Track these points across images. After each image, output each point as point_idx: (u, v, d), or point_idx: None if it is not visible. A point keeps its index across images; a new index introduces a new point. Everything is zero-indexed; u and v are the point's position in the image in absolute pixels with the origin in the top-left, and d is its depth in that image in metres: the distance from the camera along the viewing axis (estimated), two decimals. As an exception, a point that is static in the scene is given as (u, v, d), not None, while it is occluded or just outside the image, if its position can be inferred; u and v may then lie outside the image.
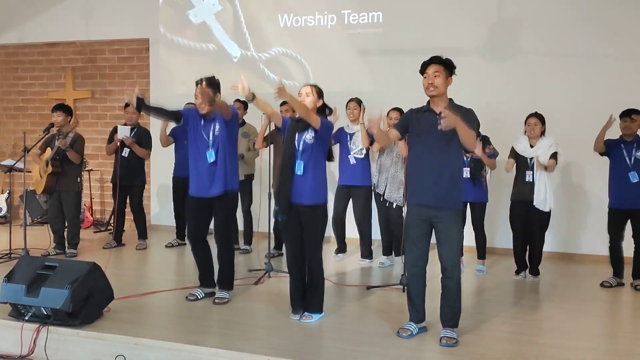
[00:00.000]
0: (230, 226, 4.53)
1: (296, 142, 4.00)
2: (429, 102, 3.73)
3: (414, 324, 3.82)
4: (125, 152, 6.40)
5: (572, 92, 6.37)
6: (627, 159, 5.17)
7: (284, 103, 6.09)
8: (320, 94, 4.06)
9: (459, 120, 3.43)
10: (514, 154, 5.41)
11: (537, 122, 5.27)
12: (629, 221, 5.20)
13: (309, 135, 3.98)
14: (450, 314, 3.71)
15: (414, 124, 3.75)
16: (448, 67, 3.66)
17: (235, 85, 3.86)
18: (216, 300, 4.44)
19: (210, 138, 4.40)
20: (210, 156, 4.39)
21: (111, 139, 6.53)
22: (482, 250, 5.71)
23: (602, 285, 5.21)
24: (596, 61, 6.32)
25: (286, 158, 4.01)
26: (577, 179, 6.40)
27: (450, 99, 3.70)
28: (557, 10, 6.46)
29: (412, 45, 6.78)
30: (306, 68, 7.36)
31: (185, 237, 6.61)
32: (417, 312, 3.82)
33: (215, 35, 7.74)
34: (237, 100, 6.54)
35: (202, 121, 4.45)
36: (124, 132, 6.30)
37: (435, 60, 3.66)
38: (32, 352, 3.72)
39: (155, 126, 7.67)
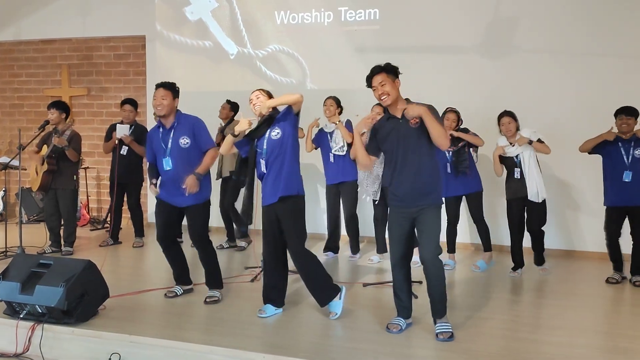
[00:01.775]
0: (204, 230, 4.51)
1: (258, 148, 4.04)
2: (387, 109, 3.79)
3: (403, 319, 3.84)
4: (124, 150, 6.38)
5: (570, 90, 6.37)
6: (624, 157, 5.14)
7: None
8: (269, 95, 4.14)
9: (424, 109, 3.54)
10: (499, 157, 5.40)
11: (510, 120, 5.28)
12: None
13: (274, 132, 4.01)
14: (440, 302, 3.74)
15: (380, 135, 3.79)
16: (391, 71, 3.72)
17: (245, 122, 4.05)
18: (207, 300, 4.42)
19: (169, 146, 4.33)
20: (167, 164, 4.32)
21: (108, 136, 6.51)
22: (486, 241, 5.68)
23: (607, 281, 5.19)
24: (593, 59, 6.31)
25: (251, 169, 4.06)
26: (574, 176, 6.40)
27: (407, 99, 3.76)
28: (554, 8, 6.45)
29: (409, 43, 6.77)
30: (303, 65, 7.35)
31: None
32: (404, 308, 3.86)
33: (212, 33, 7.72)
34: (228, 101, 6.52)
35: (161, 130, 4.40)
36: (123, 131, 6.28)
37: (375, 70, 3.74)
38: (27, 350, 3.72)
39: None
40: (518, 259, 5.46)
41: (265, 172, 4.02)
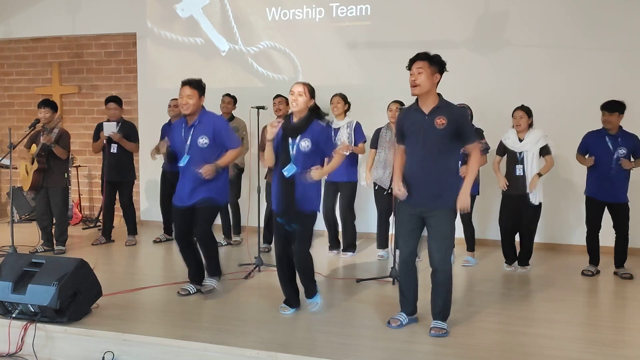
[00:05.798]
0: (209, 227, 4.46)
1: (290, 147, 3.91)
2: (417, 99, 3.67)
3: (405, 315, 3.84)
4: (114, 149, 6.35)
5: (559, 85, 6.39)
6: (612, 151, 5.16)
7: (277, 96, 6.14)
8: (312, 93, 3.93)
9: (468, 203, 3.58)
10: (502, 149, 5.42)
11: (522, 114, 5.27)
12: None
13: (304, 144, 3.88)
14: (441, 307, 3.72)
15: (406, 125, 3.69)
16: (435, 63, 3.55)
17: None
18: (203, 290, 4.40)
19: (187, 144, 4.30)
20: (183, 161, 4.30)
21: (96, 136, 6.46)
22: (471, 242, 5.73)
23: (583, 273, 5.30)
24: (583, 53, 6.34)
25: (281, 164, 3.93)
26: (564, 171, 6.43)
27: (439, 95, 3.64)
28: (544, 2, 6.47)
29: (401, 38, 6.77)
30: (295, 62, 7.33)
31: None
32: (408, 305, 3.84)
33: (203, 29, 7.69)
34: (227, 95, 6.51)
35: (184, 125, 4.37)
36: (110, 129, 6.25)
37: (419, 56, 3.56)
38: (20, 350, 3.70)
39: (142, 120, 7.70)
40: (510, 254, 5.47)
41: (287, 176, 3.91)
